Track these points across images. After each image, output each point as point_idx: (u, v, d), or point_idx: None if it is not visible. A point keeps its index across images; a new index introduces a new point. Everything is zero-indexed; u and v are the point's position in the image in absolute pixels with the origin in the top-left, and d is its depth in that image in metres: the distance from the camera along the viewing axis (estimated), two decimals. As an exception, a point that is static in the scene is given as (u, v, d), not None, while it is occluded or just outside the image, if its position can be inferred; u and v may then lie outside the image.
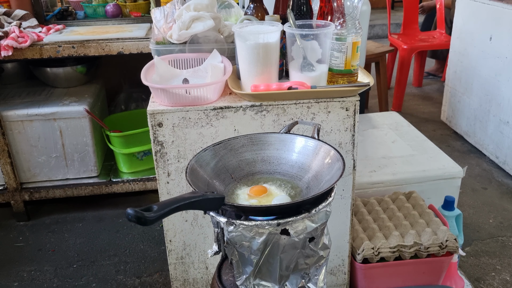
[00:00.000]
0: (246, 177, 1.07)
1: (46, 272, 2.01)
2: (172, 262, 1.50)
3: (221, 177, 1.04)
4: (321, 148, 1.04)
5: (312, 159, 1.05)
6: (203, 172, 1.01)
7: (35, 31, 2.15)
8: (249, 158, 1.09)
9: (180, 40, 1.46)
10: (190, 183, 0.91)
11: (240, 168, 1.07)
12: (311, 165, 1.04)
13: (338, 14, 1.32)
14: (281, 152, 1.09)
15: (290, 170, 1.07)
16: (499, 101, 2.67)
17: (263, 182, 1.05)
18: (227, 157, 1.07)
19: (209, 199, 0.84)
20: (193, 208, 0.85)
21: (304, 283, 0.95)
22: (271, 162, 1.09)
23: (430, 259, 1.57)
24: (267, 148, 1.09)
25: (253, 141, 1.10)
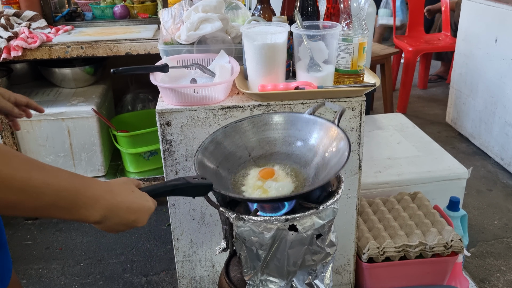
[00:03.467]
0: (265, 156, 1.06)
1: (53, 270, 2.03)
2: (179, 260, 1.52)
3: (238, 155, 1.04)
4: (335, 134, 1.01)
5: (327, 145, 1.02)
6: (219, 148, 1.02)
7: (44, 32, 2.18)
8: (271, 136, 1.08)
9: (188, 41, 1.48)
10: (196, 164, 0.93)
11: (260, 147, 1.07)
12: (324, 151, 1.02)
13: (345, 15, 1.34)
14: (302, 133, 1.07)
15: (307, 154, 1.05)
16: (504, 103, 2.67)
17: (278, 164, 1.05)
18: (248, 134, 1.07)
19: (192, 186, 0.87)
20: (180, 194, 0.89)
21: (310, 279, 0.97)
22: (291, 143, 1.07)
23: (435, 259, 1.58)
24: (289, 128, 1.08)
25: (277, 120, 1.09)
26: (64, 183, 0.66)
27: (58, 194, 0.65)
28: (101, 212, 0.71)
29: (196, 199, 1.42)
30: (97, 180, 0.74)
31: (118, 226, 0.76)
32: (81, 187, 0.68)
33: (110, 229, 0.76)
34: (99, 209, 0.71)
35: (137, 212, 0.78)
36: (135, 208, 0.77)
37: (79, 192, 0.68)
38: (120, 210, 0.75)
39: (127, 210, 0.76)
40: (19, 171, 0.61)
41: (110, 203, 0.73)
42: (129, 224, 0.78)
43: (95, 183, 0.72)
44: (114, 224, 0.75)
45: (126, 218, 0.76)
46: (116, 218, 0.74)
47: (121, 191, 0.76)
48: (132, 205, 0.77)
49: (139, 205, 0.78)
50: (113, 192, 0.74)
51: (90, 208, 0.70)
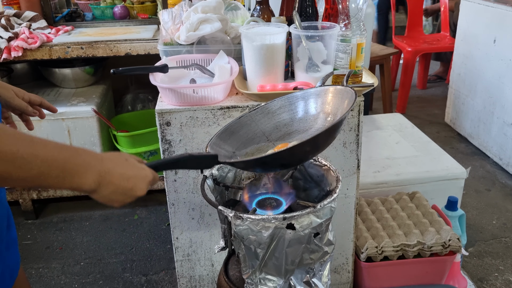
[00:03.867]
0: (283, 137, 1.07)
1: (53, 270, 2.04)
2: (179, 259, 1.53)
3: (256, 141, 1.06)
4: (343, 91, 1.01)
5: (338, 104, 1.02)
6: (235, 136, 1.04)
7: (45, 32, 2.19)
8: (287, 118, 1.08)
9: (188, 41, 1.49)
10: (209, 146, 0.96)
11: (277, 130, 1.08)
12: (337, 110, 1.02)
13: (343, 16, 1.34)
14: (317, 107, 1.06)
15: (324, 122, 1.04)
16: (503, 103, 2.68)
17: (296, 140, 1.04)
18: (263, 120, 1.07)
19: (196, 158, 0.88)
20: (184, 167, 0.90)
21: (309, 278, 0.98)
22: (308, 118, 1.07)
23: (433, 258, 1.59)
24: (304, 106, 1.08)
25: (290, 101, 1.09)
26: (53, 153, 0.67)
27: (47, 164, 0.66)
28: (94, 179, 0.71)
29: (196, 198, 1.43)
30: (87, 149, 0.74)
31: (116, 195, 0.75)
32: (69, 156, 0.69)
33: (109, 200, 0.75)
34: (91, 175, 0.71)
35: (132, 178, 0.76)
36: (130, 175, 0.76)
37: (68, 161, 0.68)
38: (113, 176, 0.74)
39: (121, 177, 0.75)
40: (6, 144, 0.62)
41: (101, 169, 0.72)
42: (127, 193, 0.76)
43: (84, 152, 0.72)
44: (111, 192, 0.74)
45: (122, 185, 0.75)
46: (111, 185, 0.74)
47: (113, 159, 0.76)
48: (127, 172, 0.76)
49: (133, 172, 0.77)
50: (104, 159, 0.74)
51: (82, 175, 0.70)
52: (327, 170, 1.04)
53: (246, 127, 1.06)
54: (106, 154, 0.76)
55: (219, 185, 1.07)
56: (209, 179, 1.05)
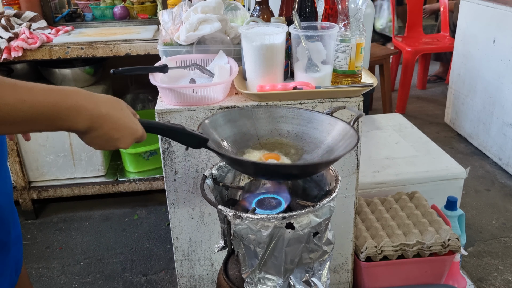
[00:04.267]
0: (273, 145, 1.06)
1: (53, 270, 2.04)
2: (178, 259, 1.53)
3: (246, 137, 1.05)
4: (347, 133, 1.00)
5: (337, 142, 1.01)
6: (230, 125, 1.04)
7: (45, 33, 2.19)
8: (284, 129, 1.08)
9: (187, 41, 1.49)
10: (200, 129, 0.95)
11: (270, 136, 1.07)
12: (333, 147, 1.01)
13: (343, 16, 1.35)
14: (316, 131, 1.06)
15: (316, 150, 1.04)
16: (502, 103, 2.68)
17: (284, 155, 1.04)
18: (263, 121, 1.07)
19: (187, 134, 0.87)
20: (173, 138, 0.90)
21: (308, 277, 0.98)
22: (303, 139, 1.06)
23: (432, 258, 1.59)
24: (305, 125, 1.07)
25: (295, 114, 1.08)
26: (39, 98, 0.65)
27: (34, 109, 0.65)
28: (85, 122, 0.70)
29: (195, 198, 1.43)
30: (79, 90, 0.71)
31: (101, 141, 0.74)
32: (58, 100, 0.67)
33: (93, 142, 0.75)
34: (83, 119, 0.70)
35: (121, 130, 0.75)
36: (121, 125, 0.75)
37: (56, 105, 0.67)
38: (105, 122, 0.73)
39: (112, 125, 0.74)
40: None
41: (94, 114, 0.71)
42: (111, 142, 0.75)
43: (75, 93, 0.70)
44: (97, 136, 0.73)
45: (110, 134, 0.74)
46: (99, 130, 0.73)
47: (107, 104, 0.74)
48: (118, 121, 0.75)
49: (125, 123, 0.76)
50: (98, 103, 0.72)
51: (74, 119, 0.69)
52: (327, 169, 1.04)
53: (244, 120, 1.06)
54: (102, 97, 0.74)
55: (219, 185, 1.07)
56: (209, 179, 1.05)
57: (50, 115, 0.66)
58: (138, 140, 0.81)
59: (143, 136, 0.81)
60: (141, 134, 0.80)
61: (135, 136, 0.79)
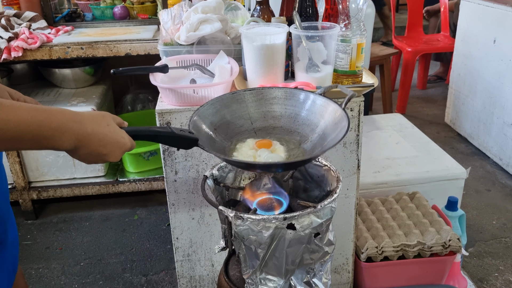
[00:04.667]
0: (267, 129, 1.05)
1: (53, 270, 2.04)
2: (179, 260, 1.53)
3: (239, 123, 1.04)
4: (339, 115, 0.97)
5: (329, 125, 0.99)
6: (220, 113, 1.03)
7: (45, 33, 2.19)
8: (277, 111, 1.06)
9: (188, 41, 1.49)
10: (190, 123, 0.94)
11: (264, 119, 1.06)
12: (324, 131, 1.00)
13: (343, 16, 1.34)
14: (309, 113, 1.04)
15: (308, 133, 1.02)
16: (503, 104, 2.68)
17: (278, 139, 1.03)
18: (255, 104, 1.06)
19: (176, 136, 0.87)
20: (163, 142, 0.90)
21: (309, 278, 0.98)
22: (296, 120, 1.05)
23: (433, 258, 1.59)
24: (298, 106, 1.06)
25: (287, 95, 1.07)
26: (25, 118, 0.66)
27: (19, 129, 0.65)
28: (71, 142, 0.72)
29: (196, 198, 1.43)
30: (64, 110, 0.73)
31: (89, 157, 0.76)
32: (43, 119, 0.68)
33: (82, 159, 0.77)
34: (68, 139, 0.71)
35: (108, 145, 0.77)
36: (108, 141, 0.77)
37: (42, 124, 0.68)
38: (90, 141, 0.74)
39: (99, 143, 0.75)
40: None
41: (79, 133, 0.72)
42: (100, 157, 0.77)
43: (60, 114, 0.71)
44: (85, 154, 0.75)
45: (97, 150, 0.76)
46: (86, 148, 0.74)
47: (93, 122, 0.75)
48: (105, 138, 0.76)
49: (111, 139, 0.77)
50: (83, 122, 0.73)
51: (58, 139, 0.70)
52: (328, 170, 1.04)
53: (236, 105, 1.05)
54: (86, 115, 0.75)
55: (220, 185, 1.07)
56: (210, 179, 1.05)
57: (35, 135, 0.67)
58: (129, 150, 0.82)
59: (132, 146, 0.82)
60: (129, 146, 0.82)
61: (124, 149, 0.80)
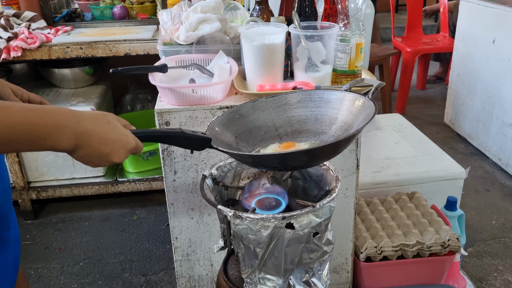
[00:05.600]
0: (293, 134, 1.01)
1: (52, 270, 2.04)
2: (178, 259, 1.53)
3: (263, 130, 1.00)
4: (363, 104, 0.94)
5: (355, 117, 0.95)
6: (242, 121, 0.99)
7: (44, 33, 2.19)
8: (303, 115, 1.02)
9: (187, 41, 1.49)
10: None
11: (289, 124, 1.02)
12: (352, 123, 0.96)
13: (342, 16, 1.35)
14: (336, 111, 0.99)
15: (337, 133, 0.98)
16: (502, 104, 2.68)
17: (305, 142, 1.00)
18: (278, 110, 1.02)
19: (188, 137, 0.83)
20: (173, 143, 0.85)
21: (308, 277, 0.97)
22: (323, 121, 1.00)
23: (432, 258, 1.59)
24: (323, 106, 1.01)
25: (311, 97, 1.02)
26: (18, 118, 0.63)
27: (12, 130, 0.63)
28: (70, 142, 0.68)
29: (195, 198, 1.43)
30: (60, 108, 0.69)
31: (92, 158, 0.72)
32: (38, 119, 0.65)
33: (85, 160, 0.73)
34: (66, 138, 0.67)
35: (111, 143, 0.72)
36: (109, 139, 0.72)
37: (36, 124, 0.64)
38: (91, 139, 0.70)
39: (99, 141, 0.71)
40: None
41: (78, 131, 0.69)
42: (103, 157, 0.73)
43: (55, 112, 0.67)
44: (86, 154, 0.71)
45: (98, 149, 0.71)
46: (88, 148, 0.70)
47: (92, 120, 0.71)
48: (105, 136, 0.72)
49: (113, 137, 0.73)
50: (80, 120, 0.69)
51: (56, 138, 0.67)
52: (327, 169, 1.04)
53: (258, 113, 1.01)
54: (85, 113, 0.71)
55: (218, 185, 1.07)
56: (208, 179, 1.05)
57: (30, 136, 0.65)
58: (134, 152, 0.78)
59: (138, 147, 0.78)
60: (134, 145, 0.77)
61: (128, 148, 0.76)
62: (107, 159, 0.73)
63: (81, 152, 0.71)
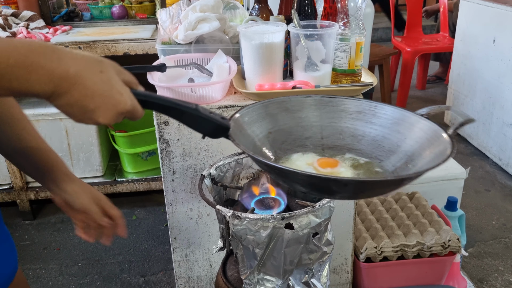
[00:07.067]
0: (340, 148, 0.84)
1: (51, 271, 2.03)
2: (177, 260, 1.52)
3: (306, 134, 0.85)
4: (442, 143, 0.74)
5: (421, 152, 0.77)
6: (286, 115, 0.85)
7: (42, 32, 2.18)
8: (360, 129, 0.84)
9: (186, 40, 1.48)
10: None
11: (340, 135, 0.85)
12: (418, 159, 0.76)
13: (342, 15, 1.34)
14: (400, 137, 0.80)
15: (396, 164, 0.79)
16: (502, 104, 2.68)
17: (351, 164, 0.81)
18: (332, 115, 0.85)
19: (200, 117, 0.67)
20: (181, 120, 0.69)
21: (307, 278, 0.97)
22: (382, 146, 0.82)
23: (432, 258, 1.58)
24: (388, 126, 0.82)
25: (376, 112, 0.84)
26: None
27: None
28: (44, 86, 0.54)
29: (194, 198, 1.42)
30: (36, 42, 0.55)
31: (74, 110, 0.57)
32: (9, 54, 0.51)
33: (66, 112, 0.58)
34: (39, 81, 0.54)
35: (97, 98, 0.57)
36: (96, 92, 0.57)
37: (4, 60, 0.51)
38: (73, 86, 0.55)
39: (84, 91, 0.56)
40: None
41: (55, 73, 0.54)
42: (86, 113, 0.58)
43: (25, 47, 0.53)
44: (67, 104, 0.56)
45: (81, 101, 0.56)
46: (67, 97, 0.55)
47: (78, 62, 0.56)
48: (93, 87, 0.56)
49: (102, 91, 0.57)
50: (62, 60, 0.55)
51: (24, 80, 0.53)
52: (326, 169, 1.03)
53: (306, 112, 0.85)
54: (71, 53, 0.56)
55: (217, 185, 1.06)
56: (207, 179, 1.04)
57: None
58: (129, 116, 0.62)
59: (134, 112, 0.62)
60: (128, 108, 0.60)
61: (119, 109, 0.59)
62: (90, 116, 0.58)
63: (60, 101, 0.56)
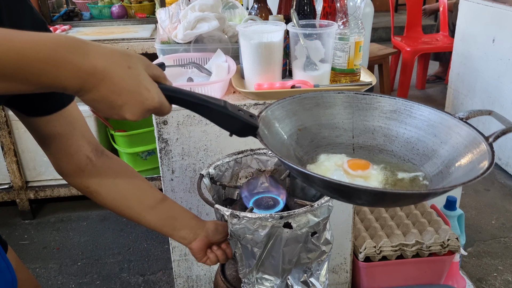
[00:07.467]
0: (371, 149, 0.81)
1: (50, 270, 2.03)
2: (176, 259, 1.52)
3: (336, 132, 0.82)
4: (480, 153, 0.71)
5: (456, 159, 0.73)
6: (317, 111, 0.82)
7: (42, 32, 2.18)
8: (393, 130, 0.81)
9: (185, 40, 1.48)
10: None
11: (372, 135, 0.81)
12: (453, 167, 0.72)
13: (341, 14, 1.34)
14: (436, 141, 0.76)
15: (430, 172, 0.74)
16: (501, 103, 2.68)
17: (382, 166, 0.77)
18: (365, 113, 0.82)
19: (228, 115, 0.66)
20: (210, 118, 0.69)
21: (306, 277, 0.97)
22: (416, 149, 0.78)
23: (431, 258, 1.58)
24: (423, 129, 0.78)
25: (412, 112, 0.80)
26: (19, 46, 0.49)
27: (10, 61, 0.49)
28: (72, 82, 0.53)
29: (193, 197, 1.42)
30: (61, 36, 0.53)
31: (101, 106, 0.57)
32: (26, 49, 0.49)
33: (94, 107, 0.58)
34: (66, 76, 0.52)
35: (124, 94, 0.56)
36: (123, 88, 0.56)
37: (23, 54, 0.49)
38: (101, 82, 0.54)
39: (112, 87, 0.55)
40: None
41: (83, 69, 0.53)
42: (115, 110, 0.57)
43: (52, 41, 0.51)
44: (95, 100, 0.56)
45: (110, 98, 0.56)
46: (96, 92, 0.55)
47: (106, 57, 0.55)
48: (121, 83, 0.55)
49: (130, 87, 0.56)
50: (89, 55, 0.53)
51: (53, 76, 0.51)
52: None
53: (339, 108, 0.83)
54: (99, 47, 0.55)
55: (216, 184, 1.06)
56: (206, 178, 1.04)
57: (16, 70, 0.50)
58: (156, 113, 0.62)
59: (162, 108, 0.62)
60: (156, 105, 0.60)
61: (146, 106, 0.59)
62: (117, 112, 0.58)
63: (88, 96, 0.55)
